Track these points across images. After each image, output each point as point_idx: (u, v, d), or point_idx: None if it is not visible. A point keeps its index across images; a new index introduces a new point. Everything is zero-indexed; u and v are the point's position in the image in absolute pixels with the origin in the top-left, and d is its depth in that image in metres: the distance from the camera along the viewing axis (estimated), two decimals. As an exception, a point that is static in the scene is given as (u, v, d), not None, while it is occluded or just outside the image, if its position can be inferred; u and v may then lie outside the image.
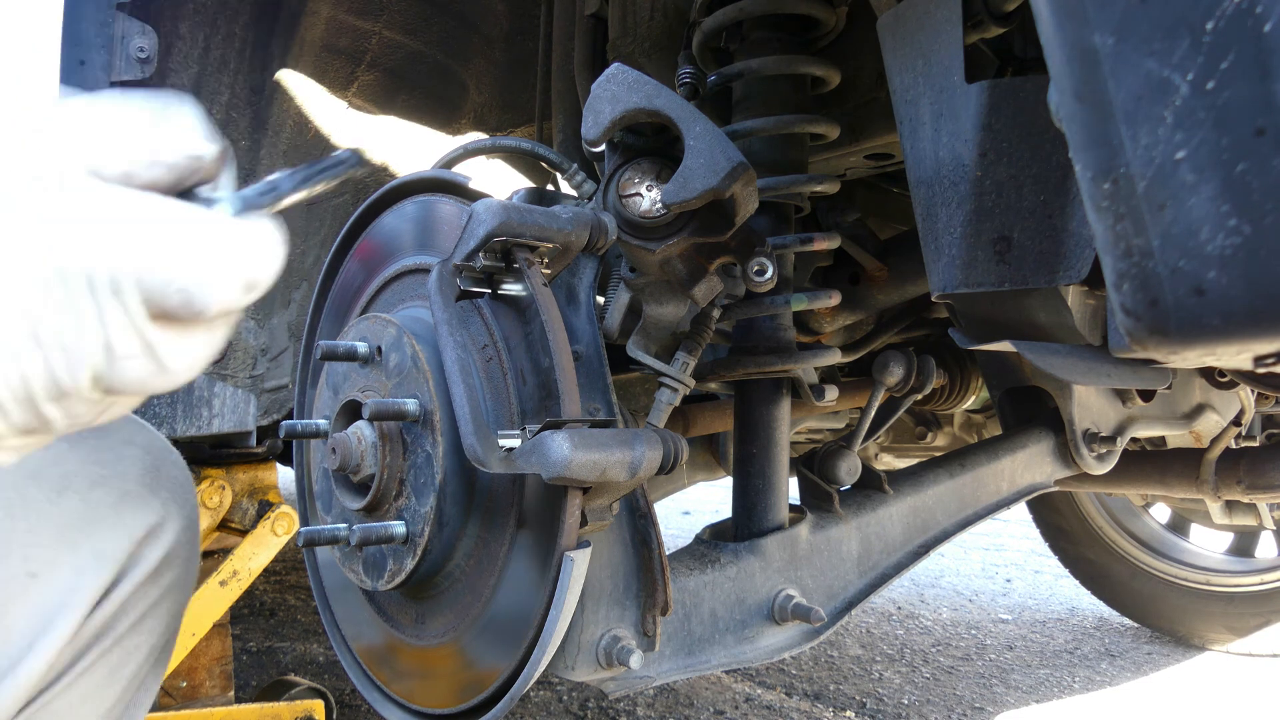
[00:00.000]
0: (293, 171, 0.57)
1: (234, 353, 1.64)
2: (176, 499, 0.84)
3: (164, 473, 0.84)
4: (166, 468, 0.85)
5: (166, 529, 0.82)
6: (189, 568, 0.87)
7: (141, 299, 0.47)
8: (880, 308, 1.59)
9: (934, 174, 0.91)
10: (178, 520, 0.83)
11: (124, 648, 0.80)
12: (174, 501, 0.83)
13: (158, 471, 0.83)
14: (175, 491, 0.84)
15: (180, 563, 0.84)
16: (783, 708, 2.35)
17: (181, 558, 0.84)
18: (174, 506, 0.83)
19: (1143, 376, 1.08)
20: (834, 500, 1.20)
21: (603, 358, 0.86)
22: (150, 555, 0.80)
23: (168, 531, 0.82)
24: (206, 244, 0.49)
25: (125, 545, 0.78)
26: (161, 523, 0.81)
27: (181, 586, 0.86)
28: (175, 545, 0.83)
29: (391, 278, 1.00)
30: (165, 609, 0.84)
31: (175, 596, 0.86)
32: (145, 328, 0.47)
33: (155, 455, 0.84)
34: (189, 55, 1.51)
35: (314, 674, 2.55)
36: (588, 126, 0.84)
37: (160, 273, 0.47)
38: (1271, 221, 0.44)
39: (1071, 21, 0.49)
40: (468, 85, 1.90)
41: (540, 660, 0.76)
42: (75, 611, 0.74)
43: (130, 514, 0.79)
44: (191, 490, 0.88)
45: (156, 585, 0.82)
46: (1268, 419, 2.31)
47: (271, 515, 1.70)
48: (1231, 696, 2.51)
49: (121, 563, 0.78)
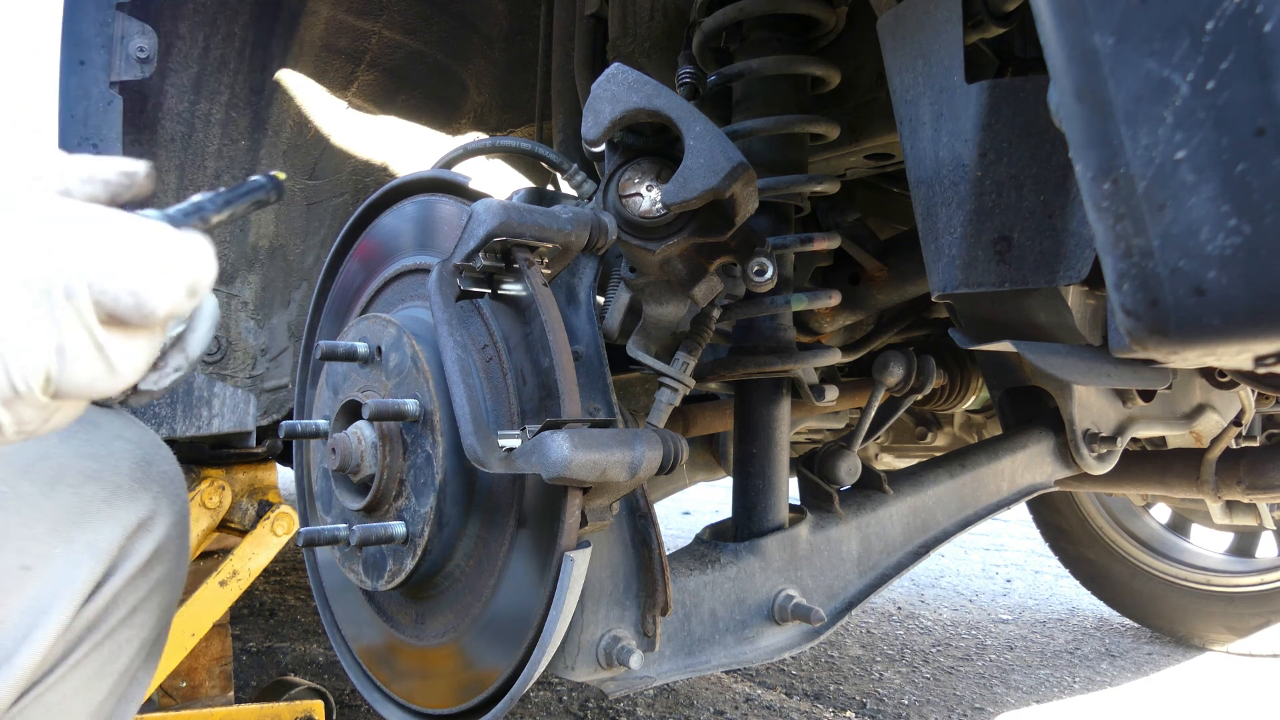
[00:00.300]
0: (215, 194, 0.62)
1: (234, 353, 1.64)
2: (167, 493, 0.84)
3: (155, 467, 0.84)
4: (157, 462, 0.85)
5: (157, 522, 0.82)
6: (180, 562, 0.87)
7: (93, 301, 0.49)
8: (880, 308, 1.59)
9: (934, 174, 0.91)
10: (168, 514, 0.83)
11: (116, 641, 0.81)
12: (165, 496, 0.83)
13: (149, 465, 0.83)
14: (166, 486, 0.84)
15: (171, 557, 0.85)
16: (783, 708, 2.35)
17: (172, 552, 0.85)
18: (165, 500, 0.83)
19: (1143, 376, 1.08)
20: (834, 500, 1.20)
21: (603, 358, 0.86)
22: (142, 548, 0.81)
23: (159, 525, 0.82)
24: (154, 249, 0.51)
25: (117, 538, 0.79)
26: (152, 516, 0.82)
27: (172, 581, 0.86)
28: (166, 539, 0.83)
29: (391, 278, 1.00)
30: (156, 603, 0.85)
31: (166, 590, 0.86)
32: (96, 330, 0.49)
33: (146, 449, 0.85)
34: (189, 55, 1.51)
35: (314, 674, 2.55)
36: (588, 126, 0.84)
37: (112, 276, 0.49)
38: (1271, 221, 0.44)
39: (1071, 21, 0.49)
40: (468, 85, 1.90)
41: (540, 660, 0.76)
42: (69, 604, 0.75)
43: (122, 507, 0.79)
44: (182, 485, 0.88)
45: (147, 579, 0.82)
46: (1268, 419, 2.31)
47: (271, 515, 1.70)
48: (1231, 696, 2.51)
49: (114, 555, 0.78)
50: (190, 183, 1.55)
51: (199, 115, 1.54)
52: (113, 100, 1.33)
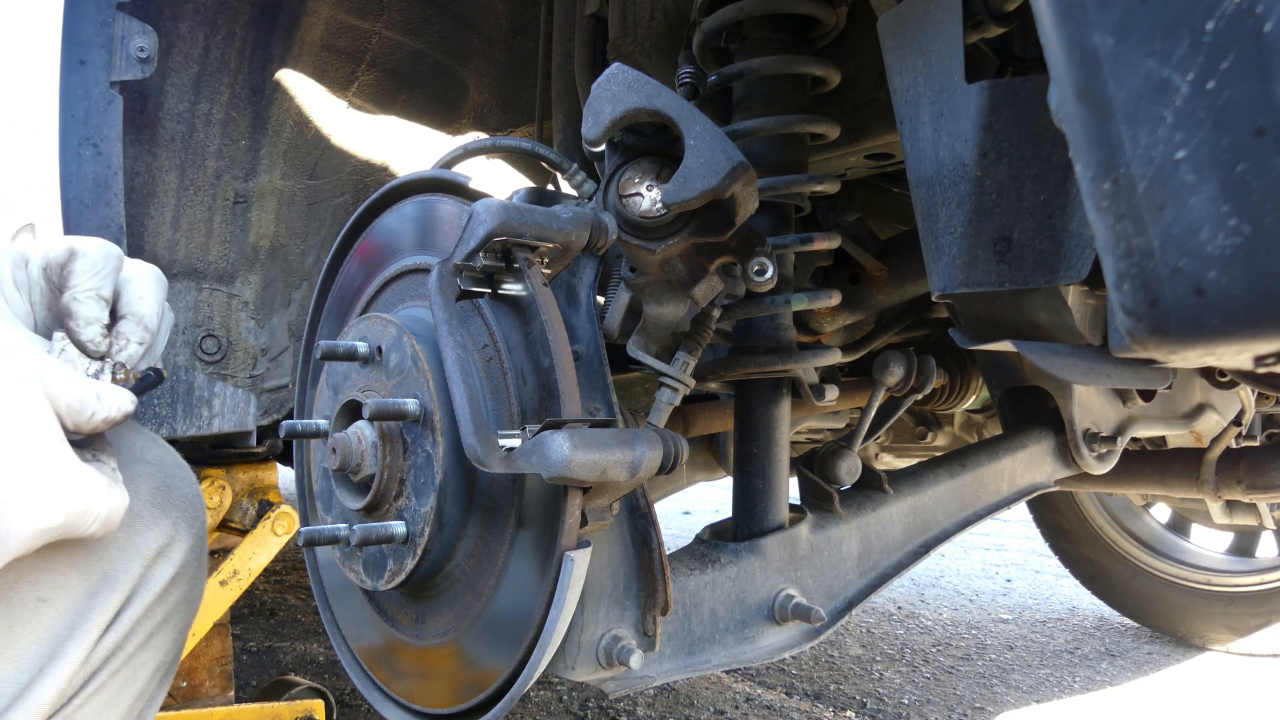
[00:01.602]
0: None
1: (234, 352, 1.64)
2: (186, 518, 0.83)
3: (175, 490, 0.84)
4: (177, 485, 0.85)
5: (176, 548, 0.82)
6: (197, 583, 0.87)
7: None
8: (880, 308, 1.59)
9: (934, 174, 0.91)
10: (186, 539, 0.83)
11: (132, 666, 0.80)
12: (184, 521, 0.83)
13: (169, 490, 0.83)
14: (185, 510, 0.84)
15: (188, 580, 0.84)
16: (783, 708, 2.35)
17: (190, 574, 0.84)
18: (184, 526, 0.83)
19: (1143, 376, 1.08)
20: (834, 500, 1.20)
21: (603, 358, 0.86)
22: (160, 575, 0.80)
23: (177, 550, 0.82)
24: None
25: (136, 567, 0.78)
26: (171, 542, 0.81)
27: (189, 602, 0.86)
28: (184, 564, 0.83)
29: (391, 278, 1.00)
30: (173, 626, 0.84)
31: (183, 613, 0.85)
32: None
33: (166, 472, 0.84)
34: (189, 55, 1.51)
35: (314, 674, 2.55)
36: (588, 126, 0.84)
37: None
38: (1271, 221, 0.44)
39: (1072, 21, 0.49)
40: (468, 85, 1.90)
41: (540, 660, 0.76)
42: (86, 636, 0.74)
43: (141, 535, 0.79)
44: (201, 507, 0.88)
45: (165, 604, 0.82)
46: (1268, 419, 2.31)
47: (272, 515, 1.70)
48: (1231, 696, 2.51)
49: (133, 584, 0.78)
50: (190, 182, 1.55)
51: (199, 115, 1.54)
52: (113, 100, 1.33)
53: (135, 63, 1.35)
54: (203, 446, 1.71)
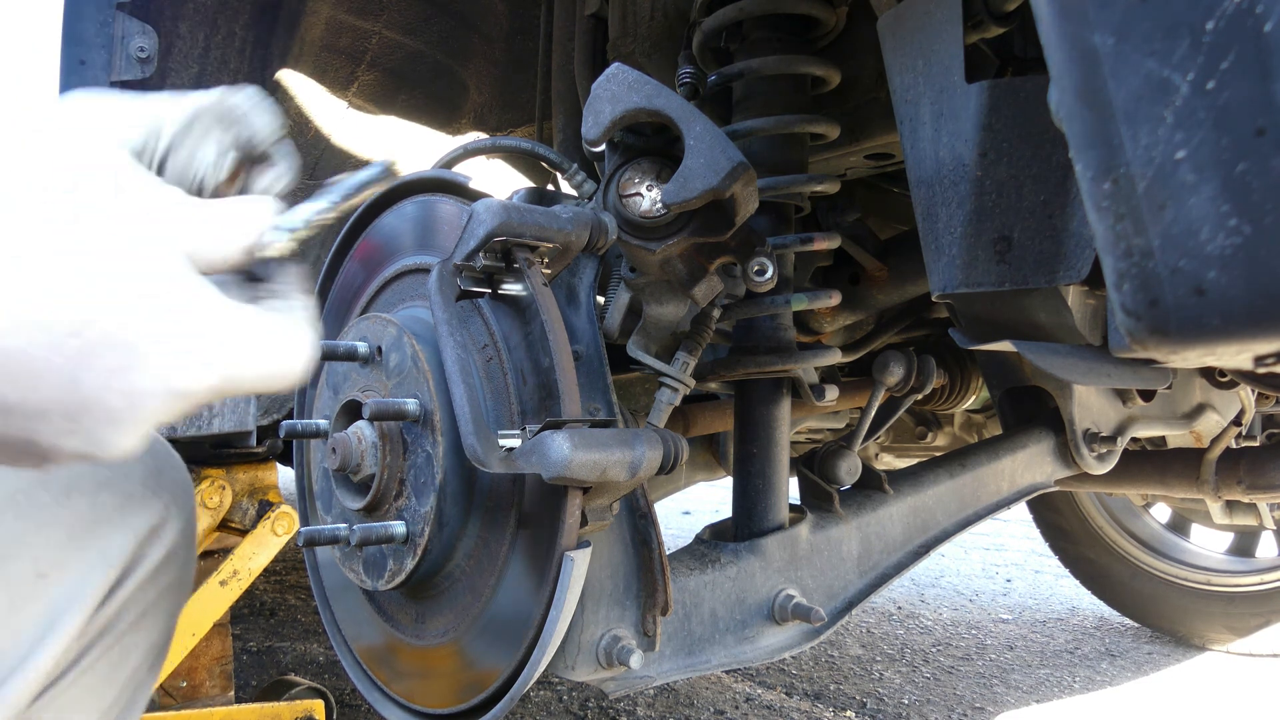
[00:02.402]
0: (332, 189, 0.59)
1: (234, 352, 1.63)
2: (177, 500, 0.85)
3: (165, 474, 0.85)
4: (168, 470, 0.86)
5: (167, 529, 0.83)
6: (186, 569, 0.88)
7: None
8: (880, 308, 1.59)
9: (934, 174, 0.91)
10: (178, 521, 0.84)
11: (124, 645, 0.82)
12: (175, 503, 0.84)
13: (160, 474, 0.84)
14: (176, 493, 0.85)
15: (179, 564, 0.86)
16: (783, 708, 2.35)
17: (180, 559, 0.86)
18: (175, 508, 0.84)
19: (1143, 376, 1.08)
20: (834, 500, 1.20)
21: (603, 358, 0.86)
22: (152, 555, 0.82)
23: (168, 532, 0.83)
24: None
25: (130, 545, 0.79)
26: (163, 523, 0.83)
27: (179, 587, 0.87)
28: (175, 546, 0.84)
29: (391, 278, 1.00)
30: (163, 608, 0.85)
31: (173, 597, 0.87)
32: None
33: (157, 457, 0.86)
34: (189, 55, 1.51)
35: (314, 674, 2.55)
36: (588, 126, 0.84)
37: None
38: (1271, 221, 0.44)
39: (1071, 21, 0.49)
40: (468, 85, 1.90)
41: (540, 660, 0.76)
42: (82, 609, 0.76)
43: (134, 515, 0.80)
44: (191, 492, 0.89)
45: (156, 584, 0.83)
46: (1268, 419, 2.31)
47: (272, 515, 1.70)
48: (1231, 696, 2.51)
49: (126, 562, 0.80)
50: (190, 182, 1.55)
51: (199, 115, 1.54)
52: (113, 100, 1.33)
53: (135, 63, 1.35)
54: (203, 446, 1.71)
